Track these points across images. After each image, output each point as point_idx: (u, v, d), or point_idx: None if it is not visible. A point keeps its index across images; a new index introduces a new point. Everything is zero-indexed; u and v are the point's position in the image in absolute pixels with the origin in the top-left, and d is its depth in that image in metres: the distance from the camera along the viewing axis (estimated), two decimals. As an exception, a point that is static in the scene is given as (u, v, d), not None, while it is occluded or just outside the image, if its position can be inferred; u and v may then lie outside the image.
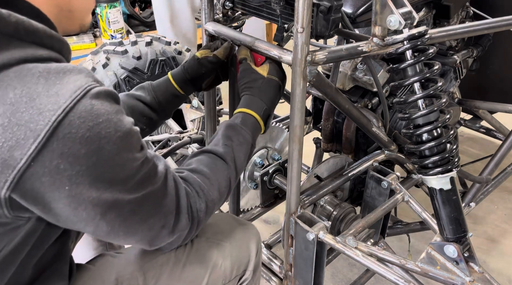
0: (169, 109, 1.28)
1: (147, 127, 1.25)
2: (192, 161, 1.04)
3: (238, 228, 1.19)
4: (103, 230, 0.80)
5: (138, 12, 3.62)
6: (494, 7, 1.86)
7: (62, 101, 0.69)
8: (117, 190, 0.76)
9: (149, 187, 0.83)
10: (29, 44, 0.74)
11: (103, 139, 0.72)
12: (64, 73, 0.73)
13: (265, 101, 1.12)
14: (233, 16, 1.35)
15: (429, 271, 1.13)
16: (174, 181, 0.90)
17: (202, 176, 0.99)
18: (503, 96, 2.12)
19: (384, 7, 1.05)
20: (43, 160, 0.68)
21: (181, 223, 0.91)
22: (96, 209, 0.75)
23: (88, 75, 0.76)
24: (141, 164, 0.80)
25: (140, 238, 0.87)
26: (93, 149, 0.71)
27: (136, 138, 0.80)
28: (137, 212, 0.82)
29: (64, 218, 0.76)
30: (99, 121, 0.72)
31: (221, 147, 1.04)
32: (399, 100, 1.16)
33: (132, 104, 1.21)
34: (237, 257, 1.14)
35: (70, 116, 0.69)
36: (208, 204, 0.97)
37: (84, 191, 0.73)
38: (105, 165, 0.73)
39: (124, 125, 0.76)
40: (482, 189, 1.84)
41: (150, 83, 1.25)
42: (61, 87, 0.71)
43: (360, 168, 1.46)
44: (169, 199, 0.88)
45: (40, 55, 0.74)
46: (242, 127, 1.08)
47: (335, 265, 1.96)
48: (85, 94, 0.72)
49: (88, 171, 0.71)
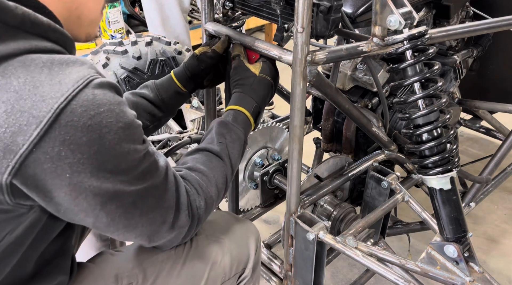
0: (172, 107, 1.29)
1: (151, 124, 1.26)
2: (188, 159, 1.05)
3: (237, 226, 1.19)
4: (103, 222, 0.80)
5: (138, 12, 3.62)
6: (494, 7, 1.86)
7: (65, 90, 0.71)
8: (118, 181, 0.77)
9: (151, 180, 0.84)
10: (34, 36, 0.75)
11: (104, 128, 0.73)
12: (67, 64, 0.74)
13: (255, 99, 1.13)
14: (233, 16, 1.35)
15: (429, 271, 1.13)
16: (174, 177, 0.91)
17: (200, 173, 1.00)
18: (503, 96, 2.12)
19: (384, 7, 1.05)
20: (45, 146, 0.69)
21: (181, 219, 0.92)
22: (96, 199, 0.76)
23: (91, 67, 0.77)
24: (143, 156, 0.81)
25: (140, 233, 0.87)
26: (95, 137, 0.72)
27: (138, 131, 0.81)
28: (138, 205, 0.83)
29: (64, 208, 0.76)
30: (100, 110, 0.73)
31: (215, 145, 1.06)
32: (399, 100, 1.16)
33: (136, 101, 1.23)
34: (236, 255, 1.14)
35: (72, 105, 0.70)
36: (207, 201, 0.98)
37: (85, 180, 0.73)
38: (107, 154, 0.74)
39: (126, 116, 0.77)
40: (482, 189, 1.84)
41: (153, 82, 1.27)
42: (64, 77, 0.72)
43: (360, 168, 1.46)
44: (170, 194, 0.89)
45: (44, 47, 0.75)
46: (234, 125, 1.09)
47: (335, 265, 1.96)
48: (88, 84, 0.73)
49: (89, 160, 0.72)
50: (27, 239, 0.81)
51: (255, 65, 1.17)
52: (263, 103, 1.16)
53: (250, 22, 4.02)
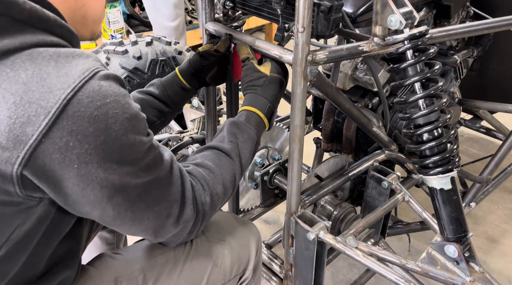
0: (178, 102, 1.31)
1: (158, 120, 1.28)
2: (197, 156, 1.05)
3: (238, 227, 1.19)
4: (109, 215, 0.81)
5: (138, 12, 3.62)
6: (494, 7, 1.86)
7: (72, 81, 0.72)
8: (124, 172, 0.78)
9: (155, 173, 0.84)
10: (40, 31, 0.76)
11: (111, 119, 0.74)
12: (73, 57, 0.76)
13: (268, 99, 1.13)
14: (234, 16, 1.35)
15: (429, 271, 1.13)
16: (179, 171, 0.92)
17: (207, 169, 1.00)
18: (503, 96, 2.12)
19: (385, 7, 1.05)
20: (53, 136, 0.70)
21: (186, 213, 0.92)
22: (103, 191, 0.77)
23: (96, 60, 0.79)
24: (148, 148, 0.82)
25: (145, 227, 0.88)
26: (101, 127, 0.73)
27: (143, 123, 0.82)
28: (143, 198, 0.83)
29: (73, 199, 0.77)
30: (106, 101, 0.74)
31: (226, 143, 1.06)
32: (400, 100, 1.16)
33: (142, 98, 1.26)
34: (237, 256, 1.14)
35: (79, 95, 0.72)
36: (213, 197, 0.98)
37: (92, 171, 0.74)
38: (113, 144, 0.75)
39: (131, 108, 0.78)
40: (482, 189, 1.84)
41: (159, 79, 1.30)
42: (70, 69, 0.74)
43: (360, 168, 1.46)
44: (175, 187, 0.89)
45: (50, 41, 0.77)
46: (246, 125, 1.09)
47: (335, 265, 1.96)
48: (93, 75, 0.74)
49: (96, 150, 0.73)
50: (37, 234, 0.82)
51: (265, 65, 1.17)
52: (276, 103, 1.17)
53: (250, 22, 4.01)
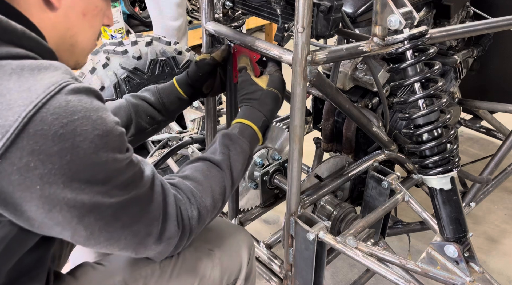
0: (172, 112, 1.29)
1: (150, 127, 1.26)
2: (186, 168, 1.02)
3: (229, 235, 1.15)
4: (81, 235, 0.76)
5: (138, 12, 3.62)
6: (494, 7, 1.86)
7: (34, 97, 0.67)
8: (95, 192, 0.73)
9: (134, 191, 0.79)
10: (5, 43, 0.71)
11: (78, 137, 0.69)
12: (40, 70, 0.70)
13: (264, 113, 1.10)
14: (233, 16, 1.35)
15: (429, 271, 1.13)
16: (161, 187, 0.87)
17: (195, 182, 0.96)
18: (503, 96, 2.12)
19: (385, 7, 1.05)
20: (11, 156, 0.66)
21: (169, 230, 0.87)
22: (72, 211, 0.72)
23: (66, 72, 0.73)
24: (125, 166, 0.77)
25: (124, 246, 0.83)
26: (67, 146, 0.68)
27: (119, 139, 0.76)
28: (119, 217, 0.78)
29: (38, 222, 0.73)
30: (74, 118, 0.69)
31: (217, 155, 1.02)
32: (400, 100, 1.15)
33: (136, 103, 1.23)
34: (227, 266, 1.11)
35: (42, 113, 0.66)
36: (200, 210, 0.94)
37: (58, 191, 0.69)
38: (81, 164, 0.70)
39: (105, 123, 0.72)
40: (482, 189, 1.84)
41: (155, 86, 1.28)
42: (34, 83, 0.68)
43: (360, 168, 1.46)
44: (155, 205, 0.84)
45: (16, 53, 0.71)
46: (239, 137, 1.06)
47: (335, 265, 1.96)
48: (60, 90, 0.69)
49: (61, 170, 0.68)
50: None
51: (262, 78, 1.14)
52: (271, 117, 1.13)
53: (250, 22, 4.02)
